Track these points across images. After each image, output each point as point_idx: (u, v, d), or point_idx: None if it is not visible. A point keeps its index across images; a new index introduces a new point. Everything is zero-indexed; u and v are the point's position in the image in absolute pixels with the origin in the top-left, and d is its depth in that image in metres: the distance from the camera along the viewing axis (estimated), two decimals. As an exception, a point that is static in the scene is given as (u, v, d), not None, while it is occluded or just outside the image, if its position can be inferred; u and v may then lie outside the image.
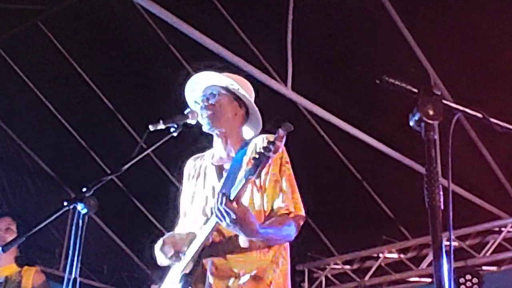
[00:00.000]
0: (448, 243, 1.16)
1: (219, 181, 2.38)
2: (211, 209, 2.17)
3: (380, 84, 1.18)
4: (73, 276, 1.97)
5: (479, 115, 1.26)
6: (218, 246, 2.31)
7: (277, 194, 2.29)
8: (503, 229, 5.93)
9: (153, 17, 4.71)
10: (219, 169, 2.45)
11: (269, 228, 2.14)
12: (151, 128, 2.29)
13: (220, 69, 2.61)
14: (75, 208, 2.04)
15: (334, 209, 6.60)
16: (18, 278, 3.64)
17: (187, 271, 2.29)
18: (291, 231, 2.22)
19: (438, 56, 4.88)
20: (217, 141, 2.48)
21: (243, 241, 2.19)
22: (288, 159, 2.30)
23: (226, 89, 2.48)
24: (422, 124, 1.13)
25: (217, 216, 2.03)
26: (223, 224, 2.06)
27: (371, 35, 4.94)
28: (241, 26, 4.95)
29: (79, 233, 2.03)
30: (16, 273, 3.64)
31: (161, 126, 2.29)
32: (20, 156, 6.01)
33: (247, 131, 2.58)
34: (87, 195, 2.09)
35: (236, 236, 2.19)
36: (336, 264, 6.91)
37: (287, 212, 2.22)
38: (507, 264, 5.98)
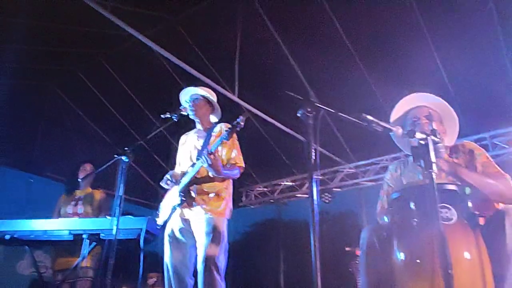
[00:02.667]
0: (316, 177, 1.96)
1: (198, 145, 3.21)
2: (197, 156, 3.05)
3: (286, 95, 1.88)
4: (120, 194, 2.69)
5: (332, 110, 1.85)
6: (199, 178, 3.06)
7: (231, 153, 3.14)
8: (342, 168, 6.97)
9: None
10: (197, 138, 3.27)
11: (227, 170, 3.02)
12: (162, 116, 3.07)
13: (198, 85, 3.42)
14: (121, 158, 2.79)
15: (262, 164, 7.19)
16: (91, 195, 4.29)
17: (182, 190, 3.04)
18: (237, 173, 3.09)
19: (312, 78, 5.61)
20: (197, 124, 3.34)
21: (212, 175, 3.02)
22: (236, 136, 3.13)
23: (202, 96, 3.27)
24: (305, 113, 1.73)
25: (203, 160, 2.83)
26: (205, 165, 2.88)
27: (281, 66, 5.44)
28: (204, 53, 5.44)
29: (124, 172, 2.78)
30: (90, 192, 4.32)
31: (167, 115, 3.08)
32: (90, 130, 6.55)
33: (213, 118, 3.41)
34: (127, 151, 2.78)
35: (208, 173, 3.02)
36: (259, 187, 7.90)
37: (234, 163, 3.11)
38: (346, 187, 7.19)
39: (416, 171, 2.23)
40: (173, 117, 3.09)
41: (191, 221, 3.02)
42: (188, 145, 3.32)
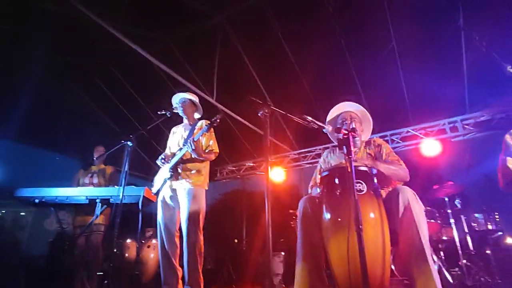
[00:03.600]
0: (269, 160, 2.79)
1: (185, 135, 3.22)
2: (184, 143, 3.08)
3: (249, 100, 1.97)
4: (126, 170, 2.76)
5: (283, 112, 1.98)
6: (184, 159, 3.07)
7: (209, 142, 3.17)
8: (288, 154, 6.81)
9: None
10: (184, 130, 3.28)
11: (206, 154, 3.09)
12: (158, 112, 3.09)
13: (186, 90, 3.42)
14: (127, 143, 2.80)
15: (232, 150, 7.05)
16: (104, 170, 4.25)
17: (171, 167, 3.06)
18: (212, 156, 3.13)
19: (269, 87, 5.51)
20: (184, 119, 3.34)
21: (194, 157, 3.04)
22: (213, 130, 3.16)
23: (189, 99, 3.30)
24: (263, 114, 1.90)
25: (188, 146, 2.92)
26: (189, 150, 2.94)
27: (246, 78, 5.32)
28: (191, 67, 5.28)
29: (128, 153, 2.80)
30: (103, 167, 4.28)
31: (163, 112, 3.08)
32: (96, 116, 6.28)
33: (196, 115, 3.40)
34: (132, 137, 2.80)
35: (192, 155, 3.04)
36: (229, 167, 7.75)
37: (211, 149, 3.15)
38: (291, 168, 7.03)
39: (341, 156, 2.28)
40: (167, 113, 3.08)
41: (178, 191, 3.04)
42: (177, 135, 3.31)
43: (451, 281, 4.17)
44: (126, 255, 5.33)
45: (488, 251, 4.80)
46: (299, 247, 1.85)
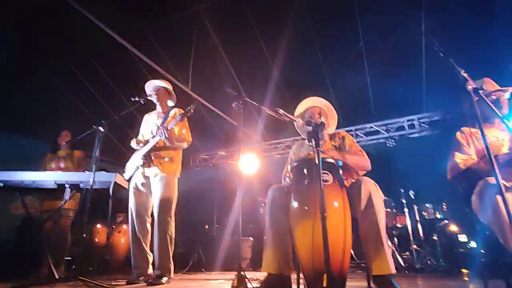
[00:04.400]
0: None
1: (158, 123, 3.13)
2: (157, 131, 2.95)
3: (225, 91, 2.19)
4: (97, 155, 2.65)
5: (256, 104, 2.02)
6: (157, 147, 3.01)
7: (181, 131, 3.10)
8: (260, 145, 7.21)
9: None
10: (157, 118, 3.21)
11: (178, 142, 3.02)
12: (132, 99, 2.94)
13: (160, 78, 3.34)
14: (99, 128, 2.71)
15: (205, 138, 6.90)
16: (71, 154, 4.01)
17: (144, 155, 2.99)
18: (185, 145, 3.08)
19: (243, 79, 5.41)
20: (158, 106, 3.25)
21: (168, 145, 3.00)
22: (186, 119, 3.08)
23: (163, 86, 3.21)
24: (237, 105, 1.97)
25: (161, 134, 2.86)
26: (162, 138, 2.87)
27: (222, 70, 5.21)
28: (167, 56, 5.10)
29: (100, 138, 2.70)
30: (70, 152, 4.04)
31: (136, 99, 2.94)
32: (67, 100, 5.80)
33: (170, 103, 3.31)
34: (104, 123, 2.72)
35: (165, 143, 2.99)
36: (203, 155, 7.75)
37: (184, 137, 3.09)
38: (263, 158, 7.03)
39: (309, 148, 2.33)
40: (140, 100, 2.96)
41: (150, 178, 3.00)
42: (150, 123, 3.22)
43: (402, 264, 4.44)
44: (96, 240, 5.19)
45: (435, 237, 5.14)
46: (267, 232, 1.88)
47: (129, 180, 3.07)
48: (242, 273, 1.56)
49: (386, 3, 4.11)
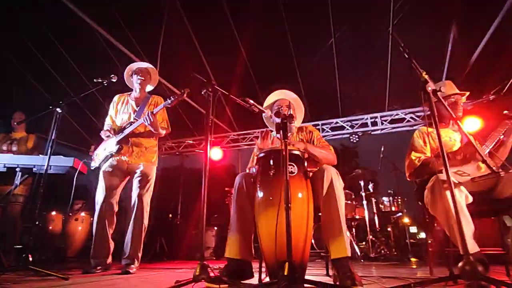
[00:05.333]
0: (210, 138, 1.83)
1: (136, 107, 3.02)
2: (136, 116, 2.88)
3: (196, 77, 1.91)
4: (53, 138, 2.52)
5: (226, 93, 1.95)
6: (137, 134, 2.91)
7: (161, 119, 3.03)
8: (228, 135, 6.80)
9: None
10: (135, 102, 3.06)
11: (160, 130, 2.94)
12: (95, 80, 2.78)
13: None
14: (56, 109, 2.57)
15: (172, 126, 7.23)
16: (26, 138, 3.84)
17: (119, 141, 2.86)
18: (164, 133, 3.00)
19: (214, 66, 5.28)
20: (137, 92, 3.06)
21: (149, 132, 2.90)
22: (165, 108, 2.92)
23: (150, 71, 3.12)
24: (206, 92, 1.85)
25: (146, 120, 2.73)
26: (147, 123, 2.76)
27: (192, 56, 5.05)
28: (131, 32, 4.73)
29: (57, 120, 2.56)
30: (25, 135, 3.86)
31: (99, 80, 2.77)
32: (22, 78, 5.33)
33: (149, 88, 3.19)
34: (62, 104, 2.57)
35: (146, 130, 2.91)
36: (169, 143, 7.42)
37: (166, 126, 3.05)
38: (230, 148, 7.00)
39: (276, 140, 2.36)
40: (104, 82, 2.76)
41: (129, 166, 2.90)
42: (125, 107, 3.05)
43: (358, 253, 4.68)
44: (50, 228, 4.91)
45: (389, 229, 5.47)
46: (232, 219, 1.90)
47: (99, 167, 2.93)
48: (204, 262, 1.55)
49: (358, 3, 4.21)
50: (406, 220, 5.51)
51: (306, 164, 1.85)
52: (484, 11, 4.06)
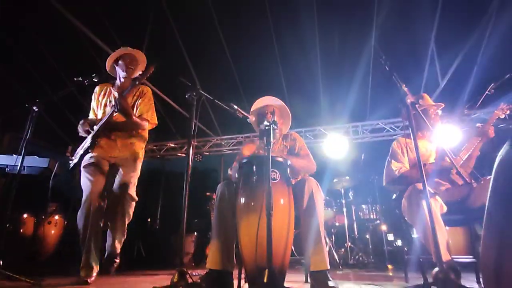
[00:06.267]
0: (193, 142, 1.84)
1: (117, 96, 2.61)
2: (111, 102, 2.57)
3: (181, 81, 1.88)
4: (27, 137, 2.44)
5: (210, 97, 1.93)
6: (115, 124, 2.56)
7: (146, 110, 2.68)
8: (211, 139, 6.86)
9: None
10: (119, 92, 2.63)
11: (138, 119, 2.57)
12: (75, 79, 2.59)
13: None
14: (32, 108, 2.46)
15: (154, 129, 7.25)
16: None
17: (93, 135, 2.53)
18: (145, 125, 2.63)
19: (198, 69, 5.24)
20: (120, 80, 2.72)
21: (127, 122, 2.54)
22: (152, 98, 2.75)
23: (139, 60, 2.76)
24: (191, 96, 1.85)
25: (115, 105, 2.40)
26: (115, 109, 2.40)
27: (178, 60, 4.97)
28: (116, 32, 4.59)
29: (33, 119, 2.47)
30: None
31: (79, 79, 2.57)
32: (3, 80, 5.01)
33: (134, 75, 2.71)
34: (38, 102, 2.47)
35: (124, 120, 2.54)
36: (150, 146, 7.24)
37: (149, 118, 2.67)
38: (213, 152, 7.09)
39: (260, 146, 2.37)
40: (84, 81, 2.58)
41: (110, 161, 2.60)
42: (109, 98, 2.73)
43: (337, 260, 4.73)
44: (21, 231, 4.67)
45: (367, 236, 5.57)
46: (213, 228, 1.89)
47: (76, 165, 2.59)
48: (183, 268, 1.52)
49: (343, 14, 4.32)
50: (384, 227, 5.64)
51: (289, 171, 1.86)
52: (461, 27, 4.27)
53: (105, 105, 2.70)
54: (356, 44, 4.67)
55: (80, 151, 2.60)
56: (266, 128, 1.65)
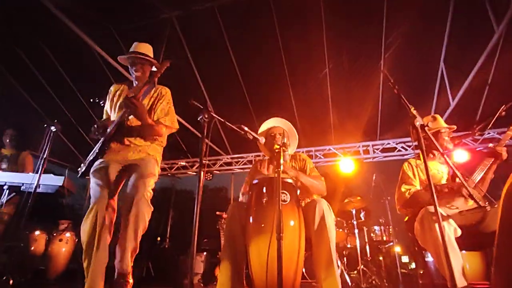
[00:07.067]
0: (204, 161, 1.71)
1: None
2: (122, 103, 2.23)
3: (191, 104, 1.82)
4: (45, 156, 2.52)
5: (222, 120, 1.92)
6: (130, 128, 2.32)
7: (163, 114, 2.37)
8: (222, 158, 7.06)
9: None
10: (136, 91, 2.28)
11: (153, 122, 2.28)
12: (91, 100, 2.60)
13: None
14: (50, 128, 2.58)
15: (166, 147, 7.19)
16: (17, 155, 3.75)
17: (103, 141, 2.26)
18: (162, 129, 2.32)
19: (211, 93, 5.46)
20: (135, 81, 2.45)
21: (141, 126, 2.26)
22: (171, 97, 2.42)
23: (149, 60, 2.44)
24: (202, 119, 1.80)
25: (126, 105, 2.13)
26: (128, 112, 2.16)
27: (191, 82, 5.20)
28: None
29: (49, 140, 2.56)
30: (16, 153, 3.79)
31: (96, 100, 2.54)
32: (16, 93, 5.33)
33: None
34: (56, 122, 2.58)
35: (139, 124, 2.26)
36: (161, 164, 8.24)
37: (168, 124, 2.36)
38: (223, 171, 7.17)
39: (270, 167, 2.39)
40: (100, 102, 2.53)
41: (130, 163, 2.26)
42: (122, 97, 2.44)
43: (349, 283, 4.60)
44: (32, 248, 4.72)
45: (380, 258, 5.42)
46: (223, 248, 1.89)
47: (85, 173, 2.29)
48: (193, 289, 1.52)
49: (353, 34, 4.42)
50: (397, 249, 5.48)
51: (299, 192, 1.87)
52: (470, 48, 4.29)
53: (121, 107, 2.39)
54: (365, 64, 4.75)
55: (90, 157, 2.30)
56: (277, 150, 1.67)
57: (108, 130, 2.25)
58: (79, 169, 2.32)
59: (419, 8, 3.97)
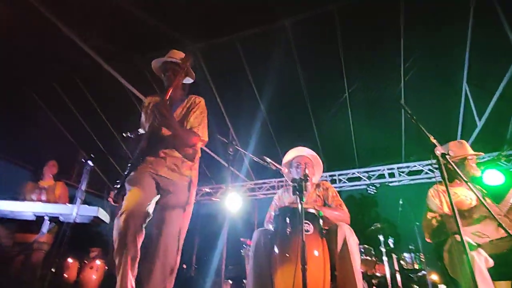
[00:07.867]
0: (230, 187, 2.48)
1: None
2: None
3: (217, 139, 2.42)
4: (83, 189, 2.60)
5: (245, 152, 2.77)
6: (162, 137, 2.04)
7: (197, 123, 2.11)
8: (246, 184, 7.10)
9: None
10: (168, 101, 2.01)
11: (183, 132, 2.01)
12: (123, 134, 2.32)
13: None
14: (87, 162, 2.66)
15: None
16: (54, 187, 3.93)
17: (136, 155, 2.00)
18: (193, 138, 2.07)
19: (236, 127, 5.57)
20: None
21: (172, 134, 2.00)
22: (205, 107, 2.22)
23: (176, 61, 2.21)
24: (228, 152, 2.23)
25: (154, 114, 1.88)
26: (155, 122, 1.90)
27: (216, 117, 5.35)
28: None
29: (87, 174, 2.66)
30: (53, 184, 3.97)
31: (128, 134, 2.27)
32: (51, 125, 5.70)
33: (188, 81, 2.44)
34: (93, 157, 2.64)
35: (169, 133, 2.01)
36: None
37: (199, 134, 2.08)
38: (248, 197, 7.11)
39: (294, 196, 2.43)
40: (131, 135, 2.29)
41: (162, 185, 2.05)
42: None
43: (381, 314, 4.39)
44: (65, 275, 4.93)
45: (416, 287, 5.14)
46: (249, 276, 1.92)
47: (119, 191, 1.99)
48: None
49: (369, 62, 4.51)
50: (434, 277, 5.20)
51: (321, 222, 1.91)
52: (493, 69, 4.24)
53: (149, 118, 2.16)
54: (385, 85, 4.77)
55: (126, 171, 2.04)
56: (299, 182, 1.74)
57: (141, 142, 2.06)
58: (116, 185, 2.02)
59: (437, 29, 3.99)
